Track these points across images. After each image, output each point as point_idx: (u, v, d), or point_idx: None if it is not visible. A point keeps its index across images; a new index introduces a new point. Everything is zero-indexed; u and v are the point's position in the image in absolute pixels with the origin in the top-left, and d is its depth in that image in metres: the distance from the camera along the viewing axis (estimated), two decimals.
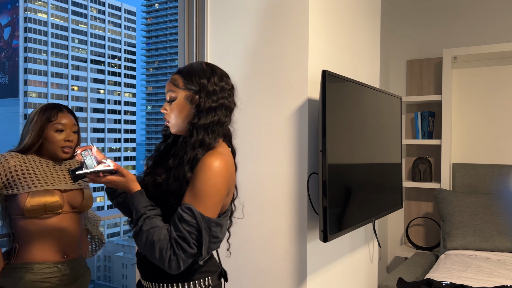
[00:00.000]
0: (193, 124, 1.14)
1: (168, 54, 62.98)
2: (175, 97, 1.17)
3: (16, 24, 50.91)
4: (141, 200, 1.12)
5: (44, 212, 1.43)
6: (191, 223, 1.05)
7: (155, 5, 64.92)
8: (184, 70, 1.19)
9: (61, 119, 1.53)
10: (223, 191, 1.11)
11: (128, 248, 33.62)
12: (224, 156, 1.13)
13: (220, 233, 1.13)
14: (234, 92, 1.23)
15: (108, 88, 57.61)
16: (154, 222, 1.09)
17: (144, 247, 1.08)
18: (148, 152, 61.16)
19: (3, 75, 52.36)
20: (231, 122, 1.23)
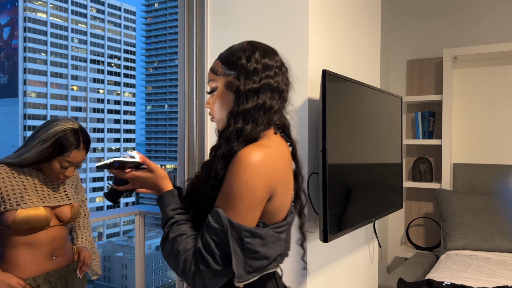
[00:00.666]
0: (231, 113, 0.95)
1: (168, 54, 62.97)
2: (215, 86, 1.00)
3: (16, 23, 50.90)
4: (171, 201, 0.97)
5: (30, 228, 1.40)
6: (218, 230, 0.85)
7: (155, 5, 64.92)
8: (223, 54, 1.01)
9: (73, 157, 1.42)
10: (259, 192, 0.87)
11: (128, 248, 33.63)
12: (267, 149, 0.90)
13: (261, 247, 0.88)
14: (284, 70, 1.00)
15: (107, 88, 57.61)
16: (182, 229, 0.91)
17: (168, 257, 0.91)
18: (148, 152, 61.18)
19: (3, 75, 52.33)
20: (284, 108, 1.01)
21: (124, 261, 32.72)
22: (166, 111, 62.03)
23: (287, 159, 0.97)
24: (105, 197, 1.05)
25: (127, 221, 40.68)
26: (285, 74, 1.00)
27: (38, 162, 1.41)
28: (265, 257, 0.89)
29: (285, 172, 0.94)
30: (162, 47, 63.41)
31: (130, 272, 30.80)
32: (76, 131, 1.43)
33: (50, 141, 1.38)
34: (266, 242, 0.89)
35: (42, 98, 50.88)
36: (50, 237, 1.46)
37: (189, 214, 0.95)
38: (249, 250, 0.86)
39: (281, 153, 0.94)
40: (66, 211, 1.50)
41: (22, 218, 1.37)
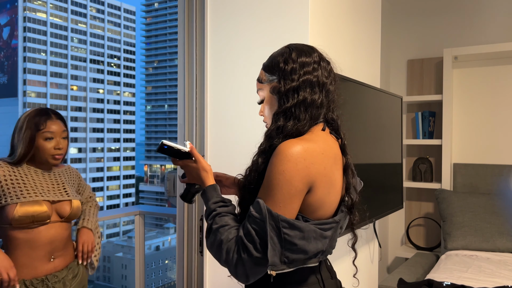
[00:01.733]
0: (275, 113, 0.99)
1: (168, 54, 62.97)
2: (263, 95, 1.05)
3: (15, 23, 50.87)
4: (213, 195, 1.01)
5: (31, 222, 1.42)
6: (257, 219, 0.88)
7: (155, 5, 64.90)
8: (265, 62, 1.05)
9: (50, 126, 1.49)
10: (297, 183, 0.89)
11: (128, 248, 33.63)
12: (306, 142, 0.91)
13: (300, 240, 0.88)
14: (323, 64, 1.02)
15: (107, 88, 57.59)
16: (224, 220, 0.95)
17: (211, 248, 0.95)
18: (147, 152, 61.17)
19: (2, 74, 52.32)
20: (331, 101, 1.01)
21: (124, 261, 32.71)
22: (166, 111, 62.02)
23: (331, 154, 0.96)
24: (181, 198, 1.11)
25: (127, 221, 40.68)
26: (326, 67, 1.02)
27: (28, 149, 1.47)
28: (303, 250, 0.90)
29: (327, 167, 0.94)
30: (162, 47, 63.40)
31: (129, 272, 30.79)
32: (42, 109, 1.52)
33: (24, 125, 1.47)
34: (306, 236, 0.89)
35: (41, 98, 50.86)
36: (49, 237, 1.46)
37: (231, 207, 0.99)
38: (287, 241, 0.87)
39: (324, 147, 0.94)
40: (65, 207, 1.53)
41: (23, 211, 1.40)
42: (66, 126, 1.57)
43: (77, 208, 1.57)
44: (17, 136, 1.49)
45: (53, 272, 1.49)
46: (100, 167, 54.90)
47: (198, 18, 1.91)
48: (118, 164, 57.51)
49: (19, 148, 1.47)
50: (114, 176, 56.79)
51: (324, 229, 0.93)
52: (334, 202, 0.98)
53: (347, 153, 1.03)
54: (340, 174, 1.00)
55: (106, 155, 55.86)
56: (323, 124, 1.00)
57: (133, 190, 59.13)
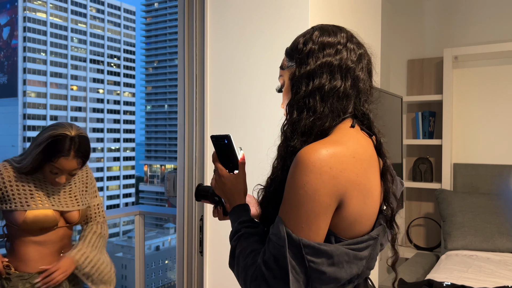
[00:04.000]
0: (287, 105, 0.85)
1: (168, 54, 62.97)
2: (282, 82, 0.91)
3: (15, 23, 50.87)
4: (241, 214, 0.87)
5: (40, 229, 1.42)
6: (277, 244, 0.73)
7: (155, 5, 64.90)
8: (288, 46, 0.91)
9: (61, 163, 1.37)
10: (322, 197, 0.72)
11: (127, 248, 33.63)
12: (333, 145, 0.74)
13: (329, 267, 0.72)
14: (351, 46, 0.83)
15: (107, 88, 57.60)
16: (249, 243, 0.81)
17: (236, 273, 0.83)
18: (147, 152, 61.16)
19: (2, 74, 52.32)
20: (360, 92, 0.82)
21: (124, 262, 32.69)
22: (166, 111, 62.01)
23: (365, 156, 0.78)
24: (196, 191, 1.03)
25: (127, 221, 40.65)
26: (354, 50, 0.83)
27: (33, 170, 1.39)
28: (334, 279, 0.73)
29: (360, 173, 0.75)
30: (162, 47, 63.40)
31: (129, 273, 30.78)
32: (69, 138, 1.37)
33: (42, 146, 1.36)
34: (336, 261, 0.73)
35: (41, 98, 50.87)
36: (59, 236, 1.48)
37: (259, 229, 0.85)
38: (313, 269, 0.72)
39: (355, 149, 0.76)
40: (74, 214, 1.52)
41: (31, 219, 1.39)
42: (83, 162, 1.43)
43: (84, 216, 1.57)
44: (33, 148, 1.40)
45: None
46: (100, 167, 54.89)
47: (198, 18, 1.91)
48: (118, 164, 57.52)
49: (27, 161, 1.40)
50: (114, 176, 56.79)
51: (359, 249, 0.76)
52: (373, 214, 0.81)
53: (384, 154, 0.85)
54: (377, 180, 0.82)
55: (106, 155, 55.86)
56: (352, 120, 0.82)
57: (133, 190, 59.13)
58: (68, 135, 1.38)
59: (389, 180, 0.85)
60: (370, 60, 0.87)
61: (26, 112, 49.43)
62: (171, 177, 2.31)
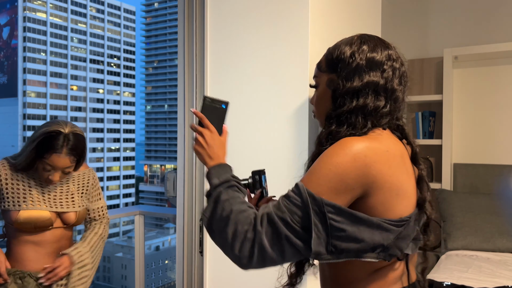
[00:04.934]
0: (327, 116, 0.86)
1: (168, 54, 62.97)
2: (317, 83, 0.92)
3: (15, 23, 50.89)
4: (230, 171, 0.90)
5: (34, 228, 1.40)
6: (296, 201, 0.77)
7: (155, 5, 64.91)
8: (330, 48, 0.92)
9: (53, 160, 1.36)
10: (350, 180, 0.76)
11: (127, 248, 33.64)
12: (370, 140, 0.79)
13: (349, 226, 0.76)
14: (397, 65, 0.85)
15: (107, 88, 57.62)
16: (239, 195, 0.84)
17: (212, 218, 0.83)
18: (147, 152, 61.14)
19: (2, 74, 52.33)
20: (398, 110, 0.86)
21: (124, 262, 32.72)
22: (166, 111, 62.02)
23: (398, 152, 0.82)
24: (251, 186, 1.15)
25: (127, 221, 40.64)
26: (399, 70, 0.85)
27: (27, 166, 1.39)
28: (354, 238, 0.76)
29: (392, 166, 0.79)
30: (162, 47, 63.41)
31: (129, 273, 30.79)
32: (63, 135, 1.37)
33: (35, 143, 1.36)
34: (357, 222, 0.76)
35: (41, 98, 50.88)
36: (56, 236, 1.46)
37: (245, 191, 0.90)
38: (333, 227, 0.75)
39: (388, 145, 0.80)
40: (71, 216, 1.50)
41: (24, 218, 1.38)
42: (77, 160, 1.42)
43: (83, 217, 1.55)
44: (27, 143, 1.40)
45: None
46: (100, 167, 54.90)
47: (198, 18, 1.91)
48: (118, 164, 57.53)
49: (21, 158, 1.40)
50: (114, 176, 56.81)
51: (386, 222, 0.78)
52: (404, 212, 0.81)
53: (420, 163, 0.89)
54: (410, 182, 0.84)
55: (106, 155, 55.87)
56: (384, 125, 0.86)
57: (133, 190, 59.14)
58: (62, 132, 1.37)
59: (425, 189, 0.87)
60: (408, 79, 0.89)
61: (26, 112, 49.44)
62: (171, 177, 2.32)
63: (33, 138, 1.38)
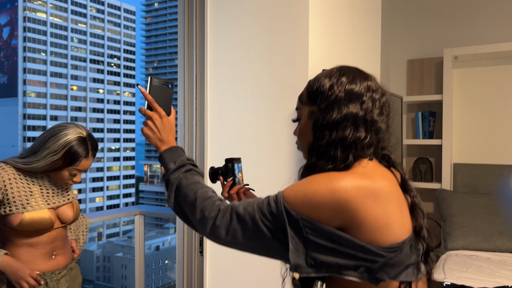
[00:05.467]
0: (309, 148, 0.87)
1: (168, 54, 62.97)
2: (299, 115, 0.92)
3: (15, 23, 50.88)
4: (183, 154, 0.94)
5: (35, 231, 1.41)
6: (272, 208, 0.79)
7: (155, 5, 64.91)
8: (311, 80, 0.91)
9: (82, 166, 1.43)
10: (324, 210, 0.76)
11: (127, 248, 33.64)
12: (362, 178, 0.78)
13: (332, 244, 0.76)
14: (377, 96, 0.85)
15: (107, 88, 57.61)
16: (198, 179, 0.90)
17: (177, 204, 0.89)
18: (147, 152, 61.15)
19: (2, 74, 52.33)
20: (381, 140, 0.86)
21: (124, 261, 32.71)
22: None
23: (385, 183, 0.80)
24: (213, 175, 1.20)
25: (127, 221, 40.68)
26: (379, 101, 0.85)
27: (48, 171, 1.43)
28: (333, 251, 0.76)
29: (377, 199, 0.77)
30: (162, 47, 63.40)
31: (129, 273, 30.79)
32: (84, 139, 1.44)
33: (60, 153, 1.39)
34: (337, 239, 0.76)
35: (41, 98, 50.87)
36: (51, 238, 1.47)
37: (201, 172, 0.94)
38: (310, 240, 0.76)
39: (374, 178, 0.79)
40: (68, 212, 1.51)
41: (28, 221, 1.38)
42: (95, 156, 1.50)
43: (78, 210, 1.56)
44: (46, 153, 1.39)
45: (56, 268, 1.49)
46: (100, 167, 54.90)
47: (198, 18, 1.91)
48: (118, 164, 57.52)
49: (39, 164, 1.39)
50: (114, 176, 56.80)
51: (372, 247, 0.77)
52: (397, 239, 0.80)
53: (410, 190, 0.86)
54: (401, 211, 0.82)
55: (106, 155, 55.87)
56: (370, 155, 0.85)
57: (133, 190, 59.14)
58: (82, 137, 1.44)
59: (420, 216, 0.85)
60: (389, 110, 0.89)
61: (26, 112, 49.44)
62: None
63: (55, 149, 1.39)
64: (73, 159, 1.41)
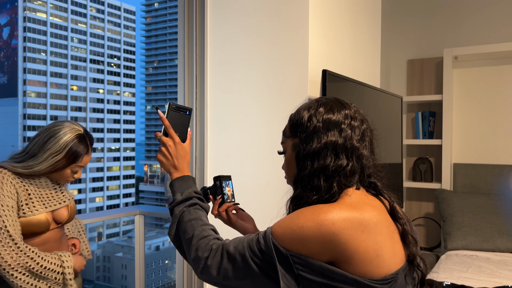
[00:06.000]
0: (294, 180, 0.87)
1: (168, 54, 62.98)
2: (284, 149, 0.94)
3: (15, 23, 50.88)
4: (193, 185, 0.96)
5: (30, 234, 1.40)
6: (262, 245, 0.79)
7: (155, 5, 64.91)
8: (292, 114, 0.93)
9: (84, 162, 1.47)
10: (310, 243, 0.75)
11: (127, 248, 33.65)
12: (344, 207, 0.77)
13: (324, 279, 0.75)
14: (356, 124, 0.85)
15: (107, 88, 57.61)
16: (201, 214, 0.91)
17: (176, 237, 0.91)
18: (147, 152, 61.17)
19: (2, 74, 52.33)
20: (364, 168, 0.85)
21: (124, 261, 32.72)
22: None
23: (374, 213, 0.79)
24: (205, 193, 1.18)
25: (127, 221, 40.69)
26: (358, 128, 0.85)
27: (50, 172, 1.44)
28: (327, 286, 0.76)
29: (366, 231, 0.76)
30: (162, 47, 63.40)
31: (129, 273, 30.80)
32: (83, 136, 1.46)
33: (62, 153, 1.41)
34: (329, 274, 0.76)
35: (41, 98, 50.87)
36: (45, 239, 1.45)
37: (207, 206, 0.95)
38: (302, 277, 0.75)
39: (362, 208, 0.78)
40: (63, 213, 1.50)
41: (24, 225, 1.37)
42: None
43: (73, 211, 1.55)
44: (47, 155, 1.40)
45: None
46: (100, 167, 54.90)
47: (198, 18, 1.91)
48: (118, 164, 57.52)
49: (42, 167, 1.39)
50: (114, 176, 56.79)
51: (365, 280, 0.76)
52: (390, 269, 0.79)
53: (399, 217, 0.85)
54: (392, 240, 0.81)
55: (106, 155, 55.87)
56: (356, 184, 0.85)
57: (133, 190, 59.15)
58: (81, 134, 1.46)
59: (412, 243, 0.83)
60: (372, 135, 0.90)
61: (26, 112, 49.44)
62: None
63: (57, 149, 1.39)
64: (76, 157, 1.44)
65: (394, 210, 0.85)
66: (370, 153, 0.87)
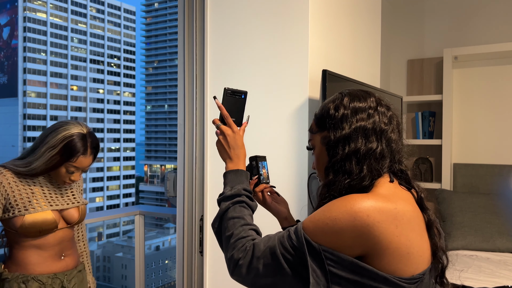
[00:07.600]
0: (325, 168, 0.87)
1: (168, 54, 62.96)
2: (312, 145, 0.94)
3: (15, 23, 50.87)
4: (244, 181, 0.95)
5: (39, 232, 1.40)
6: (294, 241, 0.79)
7: (155, 5, 64.89)
8: (317, 110, 0.94)
9: (80, 163, 1.41)
10: (343, 236, 0.75)
11: (128, 248, 33.64)
12: (385, 200, 0.77)
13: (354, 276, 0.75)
14: (382, 109, 0.88)
15: (107, 88, 57.60)
16: (245, 214, 0.90)
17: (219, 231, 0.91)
18: (147, 152, 61.19)
19: (2, 75, 52.32)
20: (394, 152, 0.86)
21: (124, 261, 32.71)
22: (166, 111, 61.99)
23: (408, 208, 0.80)
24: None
25: (127, 221, 40.66)
26: (385, 113, 0.88)
27: (47, 170, 1.41)
28: (355, 283, 0.76)
29: (400, 225, 0.76)
30: (162, 47, 63.39)
31: (129, 273, 30.79)
32: (84, 136, 1.42)
33: (58, 147, 1.38)
34: (359, 271, 0.76)
35: (42, 98, 50.86)
36: (57, 239, 1.46)
37: (255, 204, 0.94)
38: (332, 273, 0.75)
39: (397, 202, 0.78)
40: (73, 214, 1.50)
41: (30, 223, 1.37)
42: (96, 157, 1.48)
43: (84, 213, 1.56)
44: (44, 149, 1.39)
45: (66, 269, 1.49)
46: (100, 167, 54.89)
47: (198, 18, 1.91)
48: (118, 164, 57.51)
49: (38, 163, 1.39)
50: (114, 176, 56.79)
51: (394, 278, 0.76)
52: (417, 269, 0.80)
53: (427, 208, 0.86)
54: (423, 237, 0.82)
55: (106, 155, 55.86)
56: (389, 175, 0.85)
57: (133, 190, 59.14)
58: (83, 133, 1.42)
59: (436, 234, 0.85)
60: (399, 121, 0.92)
61: (26, 112, 49.43)
62: (171, 177, 2.31)
63: (53, 144, 1.38)
64: (70, 154, 1.38)
65: (422, 201, 0.86)
66: (398, 137, 0.89)
